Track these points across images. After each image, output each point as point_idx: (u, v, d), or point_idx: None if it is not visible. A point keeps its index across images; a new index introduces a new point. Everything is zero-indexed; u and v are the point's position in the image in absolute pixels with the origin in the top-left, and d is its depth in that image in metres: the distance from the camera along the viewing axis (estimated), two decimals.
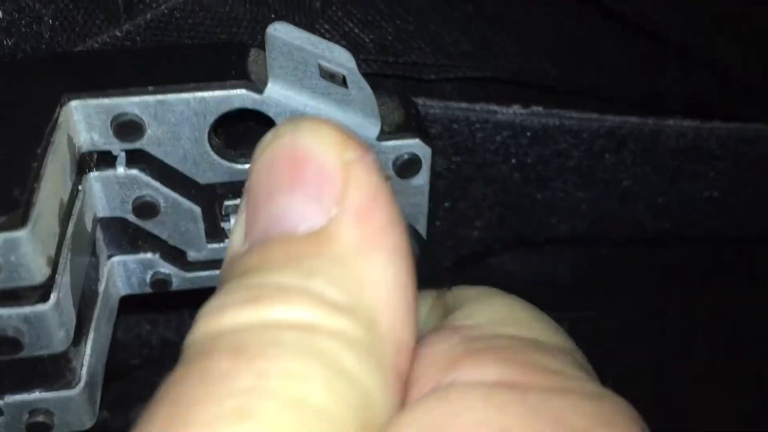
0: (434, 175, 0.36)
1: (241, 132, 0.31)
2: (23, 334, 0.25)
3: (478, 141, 0.40)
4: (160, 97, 0.27)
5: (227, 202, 0.31)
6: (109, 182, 0.30)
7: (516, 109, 0.40)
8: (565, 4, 0.45)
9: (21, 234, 0.23)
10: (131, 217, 0.31)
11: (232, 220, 0.31)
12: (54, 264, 0.25)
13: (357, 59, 0.40)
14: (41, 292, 0.25)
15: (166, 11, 0.34)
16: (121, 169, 0.29)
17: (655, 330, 0.66)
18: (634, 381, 0.61)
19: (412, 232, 0.31)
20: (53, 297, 0.25)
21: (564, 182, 0.45)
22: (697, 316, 0.66)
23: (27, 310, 0.25)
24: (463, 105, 0.38)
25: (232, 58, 0.29)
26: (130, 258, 0.32)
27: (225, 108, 0.28)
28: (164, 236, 0.31)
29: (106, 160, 0.29)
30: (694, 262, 0.64)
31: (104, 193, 0.30)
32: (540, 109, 0.41)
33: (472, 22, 0.43)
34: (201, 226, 0.31)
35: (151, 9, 0.35)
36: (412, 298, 0.20)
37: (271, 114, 0.28)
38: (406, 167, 0.31)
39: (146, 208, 0.30)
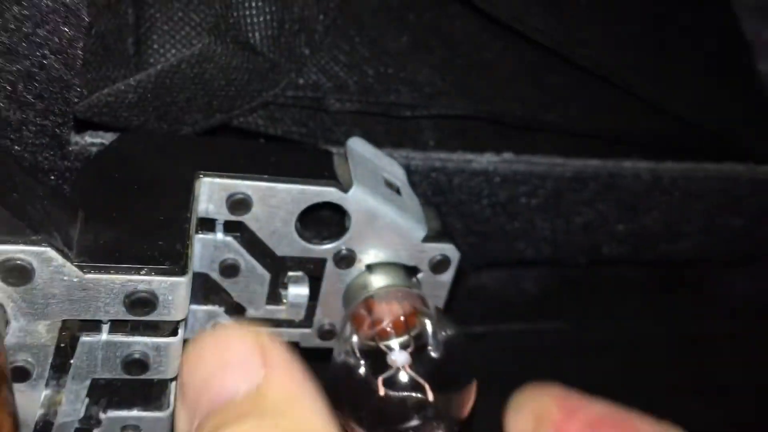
0: None
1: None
2: (150, 360, 0.30)
3: (455, 185, 0.44)
4: (270, 184, 0.33)
5: (290, 273, 0.36)
6: (207, 244, 0.34)
7: (489, 156, 0.44)
8: (534, 52, 0.49)
9: (183, 279, 0.28)
10: (214, 275, 0.35)
11: (290, 289, 0.36)
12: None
13: (342, 99, 0.44)
14: (174, 327, 0.30)
15: (174, 63, 0.37)
16: (220, 235, 0.34)
17: (615, 339, 0.71)
18: (597, 387, 0.66)
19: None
20: (180, 332, 0.31)
21: (530, 216, 0.49)
22: (652, 326, 0.71)
23: (161, 340, 0.30)
24: (442, 155, 0.42)
25: (322, 161, 0.35)
26: (200, 308, 0.36)
27: (316, 200, 0.34)
28: (234, 294, 0.36)
29: (207, 225, 0.34)
30: (649, 279, 0.69)
31: (200, 252, 0.34)
32: (511, 155, 0.44)
33: (446, 66, 0.47)
34: (266, 290, 0.36)
35: (160, 60, 0.38)
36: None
37: (350, 209, 0.34)
38: (439, 266, 0.37)
39: (230, 270, 0.35)
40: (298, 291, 0.36)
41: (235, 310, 0.37)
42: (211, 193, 0.32)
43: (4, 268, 0.26)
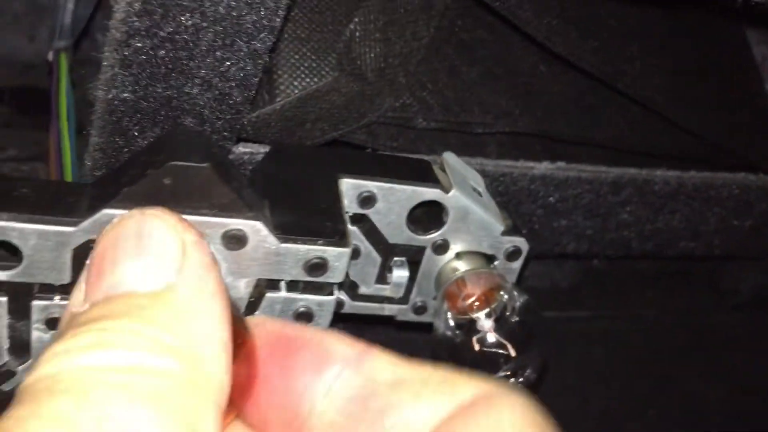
0: None
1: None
2: (314, 312, 0.39)
3: (518, 188, 0.53)
4: (392, 185, 0.41)
5: (396, 258, 0.44)
6: None
7: (546, 164, 0.53)
8: (582, 79, 0.58)
9: (347, 250, 0.37)
10: None
11: (395, 271, 0.45)
12: None
13: (427, 119, 0.53)
14: (331, 288, 0.39)
15: (311, 91, 0.47)
16: (348, 225, 0.40)
17: (634, 327, 0.80)
18: (617, 369, 0.75)
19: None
20: (335, 293, 0.39)
21: (576, 215, 0.58)
22: (668, 316, 0.80)
23: (323, 298, 0.39)
24: (509, 163, 0.52)
25: (425, 168, 0.44)
26: None
27: (425, 198, 0.42)
28: (351, 273, 0.44)
29: None
30: (666, 273, 0.78)
31: None
32: (563, 164, 0.54)
33: (510, 91, 0.57)
34: (376, 271, 0.44)
35: (289, 87, 0.48)
36: (230, 354, 0.24)
37: (449, 207, 0.43)
38: (512, 255, 0.46)
39: (353, 253, 0.42)
40: (400, 273, 0.45)
41: (350, 286, 0.45)
42: (346, 190, 0.41)
43: (227, 236, 0.35)
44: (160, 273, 0.23)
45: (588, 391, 0.77)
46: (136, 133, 0.41)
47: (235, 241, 0.35)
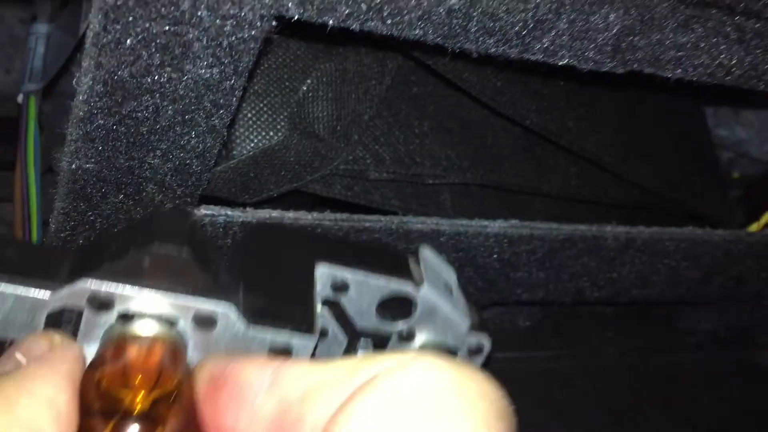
0: None
1: None
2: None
3: (473, 245, 0.55)
4: (366, 277, 0.42)
5: (363, 339, 0.45)
6: None
7: (500, 223, 0.55)
8: (530, 135, 0.61)
9: (312, 342, 0.38)
10: None
11: (360, 353, 0.45)
12: None
13: (380, 170, 0.55)
14: None
15: (264, 149, 0.49)
16: (319, 307, 0.41)
17: (594, 367, 0.82)
18: (578, 407, 0.77)
19: None
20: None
21: (530, 267, 0.61)
22: (627, 356, 0.82)
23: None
24: (464, 222, 0.54)
25: (401, 262, 0.44)
26: None
27: (396, 292, 0.43)
28: (318, 351, 0.43)
29: None
30: (624, 315, 0.80)
31: None
32: (517, 222, 0.56)
33: (460, 143, 0.59)
34: (341, 352, 0.45)
35: (245, 141, 0.50)
36: (58, 410, 0.28)
37: (419, 302, 0.44)
38: (475, 351, 0.47)
39: (322, 335, 0.42)
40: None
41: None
42: (320, 275, 0.41)
43: (198, 316, 0.36)
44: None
45: (549, 431, 0.79)
46: (99, 199, 0.43)
47: (205, 322, 0.36)
